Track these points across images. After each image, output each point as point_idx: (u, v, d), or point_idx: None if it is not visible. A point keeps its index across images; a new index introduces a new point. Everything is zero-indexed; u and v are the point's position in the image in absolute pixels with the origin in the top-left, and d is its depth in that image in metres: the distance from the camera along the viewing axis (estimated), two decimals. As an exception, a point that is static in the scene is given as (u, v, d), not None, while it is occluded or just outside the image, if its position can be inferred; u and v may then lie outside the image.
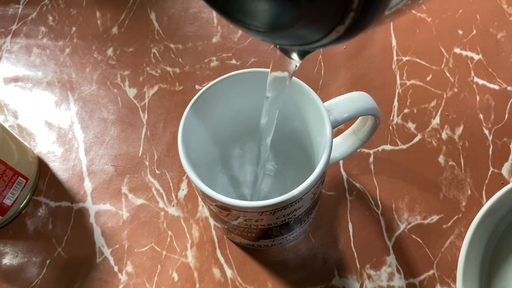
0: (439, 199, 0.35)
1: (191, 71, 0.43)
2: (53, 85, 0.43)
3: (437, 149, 0.37)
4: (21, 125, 0.41)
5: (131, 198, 0.36)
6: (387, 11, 0.12)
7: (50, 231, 0.35)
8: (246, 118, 0.31)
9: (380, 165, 0.36)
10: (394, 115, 0.39)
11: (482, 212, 0.30)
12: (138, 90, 0.42)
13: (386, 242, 0.33)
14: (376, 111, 0.28)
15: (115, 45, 0.45)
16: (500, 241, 0.32)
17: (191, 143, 0.27)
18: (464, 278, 0.29)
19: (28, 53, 0.45)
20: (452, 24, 0.44)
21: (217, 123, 0.31)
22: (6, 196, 0.34)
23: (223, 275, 0.33)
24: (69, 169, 0.38)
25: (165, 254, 0.34)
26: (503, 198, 0.31)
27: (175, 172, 0.37)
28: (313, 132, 0.29)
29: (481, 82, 0.40)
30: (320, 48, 0.14)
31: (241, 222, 0.27)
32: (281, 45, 0.19)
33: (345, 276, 0.32)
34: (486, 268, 0.31)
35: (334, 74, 0.42)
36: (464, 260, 0.29)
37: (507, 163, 0.36)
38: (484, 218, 0.30)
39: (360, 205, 0.35)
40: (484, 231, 0.31)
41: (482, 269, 0.30)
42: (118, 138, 0.39)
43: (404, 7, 0.13)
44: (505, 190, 0.31)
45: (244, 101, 0.30)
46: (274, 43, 0.17)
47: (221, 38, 0.45)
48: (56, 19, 0.47)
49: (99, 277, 0.33)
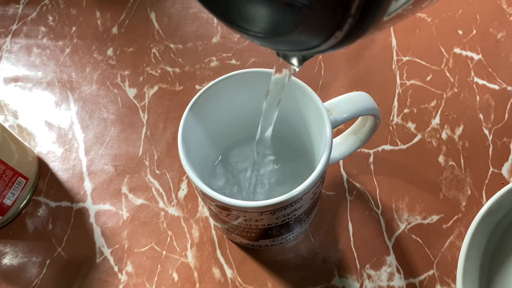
0: (439, 199, 0.35)
1: (191, 71, 0.43)
2: (53, 85, 0.43)
3: (437, 149, 0.37)
4: (21, 125, 0.41)
5: (131, 198, 0.36)
6: (386, 17, 0.12)
7: (50, 231, 0.35)
8: (246, 118, 0.31)
9: (380, 165, 0.36)
10: (394, 115, 0.39)
11: (482, 212, 0.30)
12: (138, 90, 0.42)
13: (386, 242, 0.33)
14: (376, 111, 0.28)
15: (115, 45, 0.45)
16: (500, 241, 0.32)
17: (191, 143, 0.27)
18: (464, 278, 0.29)
19: (28, 53, 0.45)
20: (452, 24, 0.44)
21: (217, 123, 0.31)
22: (6, 196, 0.34)
23: (223, 275, 0.33)
24: (69, 169, 0.38)
25: (165, 254, 0.34)
26: (503, 198, 0.31)
27: (175, 172, 0.37)
28: (313, 132, 0.29)
29: (481, 82, 0.40)
30: (319, 53, 0.14)
31: (241, 222, 0.27)
32: (280, 51, 0.19)
33: (345, 276, 0.32)
34: (486, 268, 0.31)
35: (334, 74, 0.42)
36: (464, 260, 0.29)
37: (507, 163, 0.36)
38: (484, 218, 0.30)
39: (360, 205, 0.35)
40: (484, 231, 0.31)
41: (482, 269, 0.30)
42: (118, 138, 0.39)
43: (405, 12, 0.12)
44: (505, 190, 0.31)
45: (244, 101, 0.30)
46: (273, 48, 0.17)
47: (221, 38, 0.45)
48: (56, 19, 0.47)
49: (99, 277, 0.33)
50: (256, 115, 0.31)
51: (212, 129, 0.30)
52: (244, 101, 0.30)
